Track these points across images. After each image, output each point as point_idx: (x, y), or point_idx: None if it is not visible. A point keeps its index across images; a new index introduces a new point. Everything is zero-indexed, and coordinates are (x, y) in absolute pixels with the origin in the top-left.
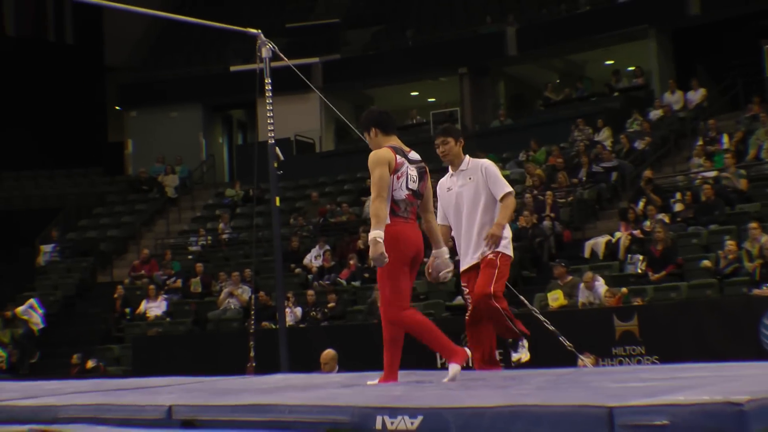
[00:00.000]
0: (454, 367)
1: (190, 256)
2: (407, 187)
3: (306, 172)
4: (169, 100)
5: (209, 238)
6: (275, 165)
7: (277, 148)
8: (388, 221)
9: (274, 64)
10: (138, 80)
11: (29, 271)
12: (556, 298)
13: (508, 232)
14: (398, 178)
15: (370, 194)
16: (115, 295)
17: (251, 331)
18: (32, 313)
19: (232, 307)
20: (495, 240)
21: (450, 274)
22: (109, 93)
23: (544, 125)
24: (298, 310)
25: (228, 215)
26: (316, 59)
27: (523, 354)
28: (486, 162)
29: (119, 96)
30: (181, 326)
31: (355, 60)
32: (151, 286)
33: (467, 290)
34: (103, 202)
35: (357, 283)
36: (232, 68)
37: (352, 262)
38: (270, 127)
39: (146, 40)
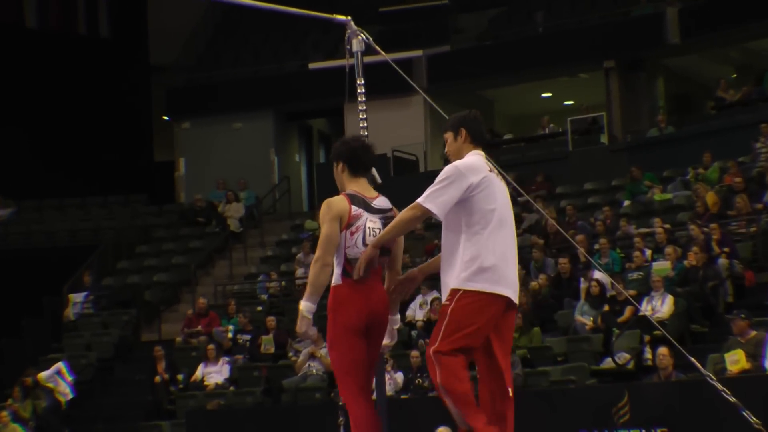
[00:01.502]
0: None
1: (259, 308)
2: (364, 244)
3: (407, 197)
4: (231, 108)
5: (283, 283)
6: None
7: (374, 169)
8: (339, 282)
9: (366, 59)
10: (191, 83)
11: (55, 326)
12: (736, 360)
13: (468, 257)
14: (352, 233)
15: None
16: (157, 356)
17: (339, 403)
18: (59, 380)
19: (314, 372)
20: (359, 268)
21: (387, 349)
22: (155, 99)
23: (716, 134)
24: (399, 376)
25: (308, 253)
26: (419, 52)
27: None
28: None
29: (167, 103)
30: (248, 397)
31: (469, 52)
32: (210, 346)
33: None
34: (148, 239)
35: None
36: (312, 66)
37: None
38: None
39: (201, 31)
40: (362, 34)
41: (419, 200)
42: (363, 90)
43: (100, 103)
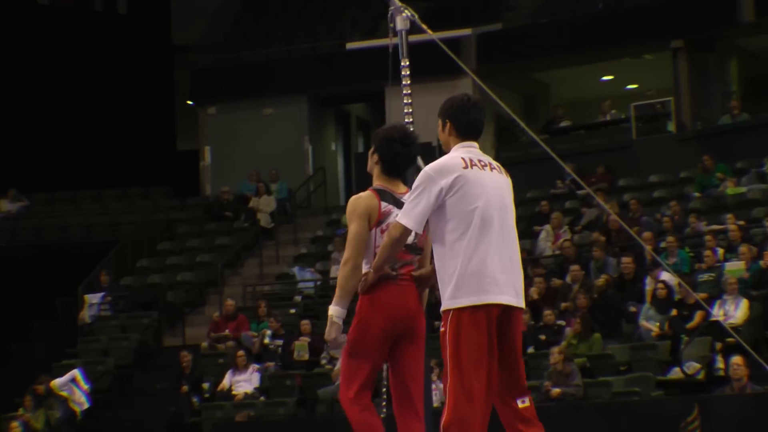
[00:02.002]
0: None
1: (292, 310)
2: None
3: None
4: (261, 92)
5: (319, 283)
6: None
7: (419, 158)
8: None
9: (410, 38)
10: (218, 64)
11: (70, 330)
12: None
13: (451, 269)
14: (383, 231)
15: (545, 221)
16: (184, 363)
17: (381, 415)
18: (74, 388)
19: None
20: (363, 288)
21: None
22: (177, 82)
23: None
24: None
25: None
26: (468, 31)
27: None
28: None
29: (192, 86)
30: (280, 408)
31: (523, 31)
32: (240, 352)
33: None
34: (171, 235)
35: (531, 349)
36: (350, 45)
37: None
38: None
39: (229, 8)
40: (407, 11)
41: (397, 217)
42: (407, 72)
43: (118, 87)
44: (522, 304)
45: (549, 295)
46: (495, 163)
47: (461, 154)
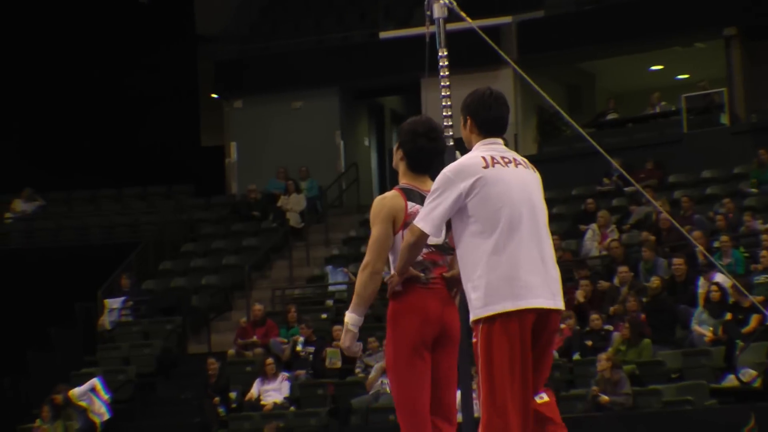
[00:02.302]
0: None
1: (324, 315)
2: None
3: None
4: (290, 84)
5: (352, 281)
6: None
7: (458, 153)
8: (399, 288)
9: (448, 26)
10: (244, 55)
11: (89, 337)
12: None
13: (476, 276)
14: (405, 238)
15: (591, 220)
16: (210, 371)
17: None
18: (93, 398)
19: (388, 390)
20: (390, 291)
21: None
22: (201, 74)
23: None
24: None
25: None
26: (508, 18)
27: None
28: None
29: (216, 78)
30: (311, 419)
31: (567, 18)
32: (269, 360)
33: None
34: (195, 236)
35: (576, 356)
36: (383, 35)
37: (563, 326)
38: (445, 122)
39: None
40: None
41: (415, 220)
42: (445, 63)
43: (138, 80)
44: (560, 305)
45: (596, 299)
46: (521, 159)
47: (482, 152)
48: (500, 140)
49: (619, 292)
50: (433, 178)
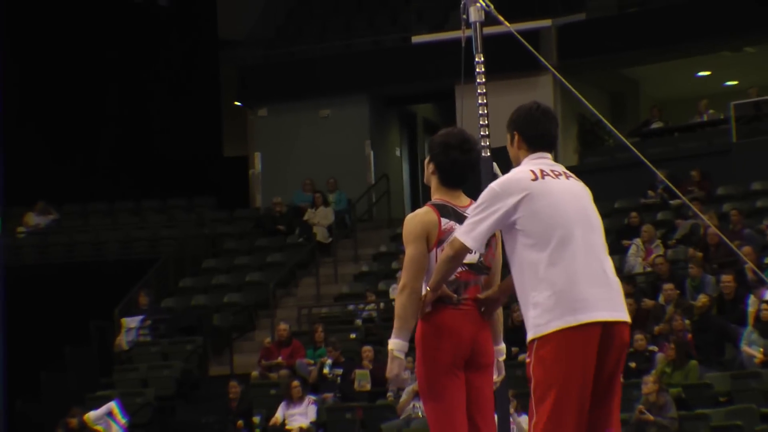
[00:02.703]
0: None
1: (353, 335)
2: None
3: None
4: (317, 91)
5: (383, 304)
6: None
7: (495, 165)
8: (430, 309)
9: (485, 30)
10: (269, 60)
11: (105, 357)
12: None
13: (532, 292)
14: (444, 251)
15: (634, 235)
16: (232, 394)
17: None
18: (110, 422)
19: (420, 414)
20: (422, 310)
21: (496, 385)
22: (224, 81)
23: None
24: (524, 420)
25: None
26: (547, 22)
27: None
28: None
29: (240, 85)
30: None
31: (609, 22)
32: (294, 382)
33: None
34: (217, 251)
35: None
36: (416, 39)
37: None
38: (482, 131)
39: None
40: (481, 1)
41: (456, 233)
42: (481, 69)
43: (158, 86)
44: (626, 317)
45: (639, 317)
46: (570, 174)
47: (530, 166)
48: (549, 155)
49: (664, 311)
50: (467, 192)
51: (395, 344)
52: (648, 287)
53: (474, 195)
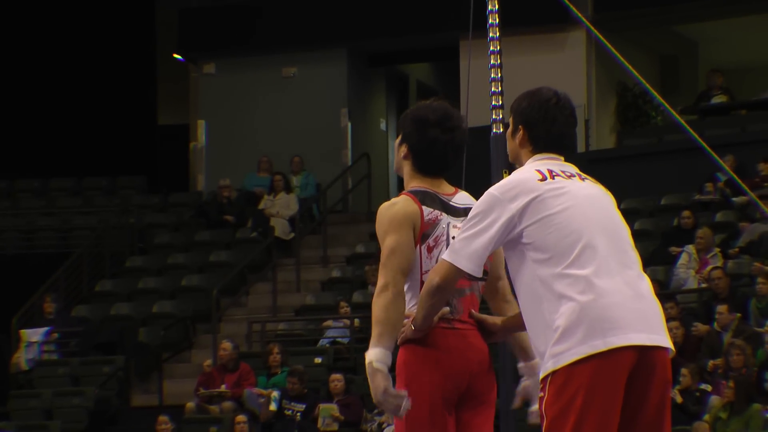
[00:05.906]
0: None
1: (318, 359)
2: None
3: None
4: (280, 43)
5: (358, 321)
6: (505, 174)
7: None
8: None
9: None
10: (218, 2)
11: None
12: None
13: (550, 317)
14: (429, 249)
15: (686, 240)
16: (162, 429)
17: None
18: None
19: None
20: (400, 340)
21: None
22: (160, 28)
23: None
24: None
25: None
26: None
27: None
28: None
29: (180, 34)
30: None
31: None
32: (240, 417)
33: None
34: (145, 247)
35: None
36: None
37: None
38: (494, 100)
39: None
40: None
41: (444, 254)
42: (496, 20)
43: (73, 34)
44: (666, 342)
45: (689, 347)
46: (585, 176)
47: (537, 166)
48: (560, 157)
49: (720, 339)
50: (450, 181)
51: (375, 354)
52: (701, 308)
53: (458, 186)
